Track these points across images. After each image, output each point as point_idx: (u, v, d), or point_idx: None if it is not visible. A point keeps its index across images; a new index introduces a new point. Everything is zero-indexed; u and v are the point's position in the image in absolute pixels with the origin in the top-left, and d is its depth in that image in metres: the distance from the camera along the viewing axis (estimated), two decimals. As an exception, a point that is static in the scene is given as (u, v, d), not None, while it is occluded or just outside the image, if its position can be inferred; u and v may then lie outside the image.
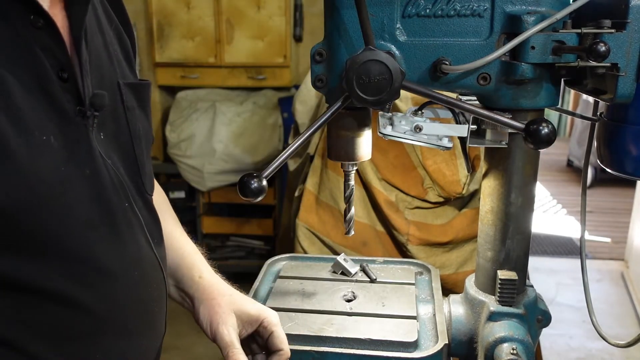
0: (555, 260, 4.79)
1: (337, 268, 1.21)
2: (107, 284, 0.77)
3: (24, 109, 0.67)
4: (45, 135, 0.69)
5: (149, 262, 0.87)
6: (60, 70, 0.72)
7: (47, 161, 0.69)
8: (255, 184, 0.77)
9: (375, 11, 0.85)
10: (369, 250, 1.89)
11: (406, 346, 0.95)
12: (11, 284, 0.68)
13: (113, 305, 0.78)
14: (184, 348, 3.33)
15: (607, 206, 6.12)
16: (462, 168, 1.82)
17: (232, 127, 3.91)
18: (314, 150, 2.03)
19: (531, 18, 0.81)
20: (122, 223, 0.80)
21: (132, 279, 0.82)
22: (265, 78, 3.96)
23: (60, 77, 0.72)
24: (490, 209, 0.99)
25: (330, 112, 0.84)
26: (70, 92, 0.73)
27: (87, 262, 0.75)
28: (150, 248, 0.87)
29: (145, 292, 0.85)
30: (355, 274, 1.20)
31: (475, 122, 0.93)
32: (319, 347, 0.95)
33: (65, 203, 0.71)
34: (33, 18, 0.69)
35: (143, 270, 0.84)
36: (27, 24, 0.68)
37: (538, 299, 1.03)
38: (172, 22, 3.92)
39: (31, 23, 0.69)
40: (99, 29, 0.85)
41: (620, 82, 0.83)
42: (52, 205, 0.70)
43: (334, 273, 1.22)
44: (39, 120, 0.69)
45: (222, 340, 0.93)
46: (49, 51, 0.71)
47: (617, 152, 0.91)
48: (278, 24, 3.84)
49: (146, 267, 0.85)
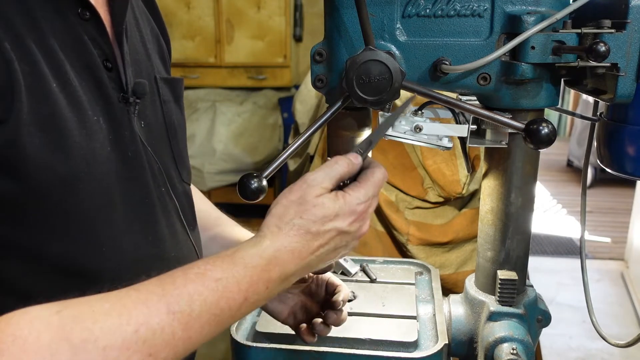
0: (555, 260, 4.78)
1: (337, 268, 1.21)
2: (144, 264, 0.80)
3: (77, 89, 0.72)
4: (95, 116, 0.75)
5: (185, 245, 0.91)
6: (105, 60, 0.78)
7: (98, 139, 0.74)
8: (255, 184, 0.77)
9: (375, 11, 0.85)
10: (369, 250, 1.89)
11: (406, 346, 0.95)
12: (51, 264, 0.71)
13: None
14: (184, 348, 3.31)
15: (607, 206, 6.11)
16: (462, 168, 1.82)
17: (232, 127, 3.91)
18: (314, 150, 2.03)
19: (531, 18, 0.81)
20: (158, 205, 0.84)
21: (169, 261, 0.85)
22: (265, 78, 3.96)
23: (105, 66, 0.78)
24: (490, 209, 0.99)
25: (330, 112, 0.84)
26: (114, 81, 0.79)
27: (125, 240, 0.78)
28: (186, 232, 0.92)
29: None
30: (355, 274, 1.20)
31: (475, 122, 0.93)
32: (319, 347, 0.95)
33: (110, 181, 0.76)
34: (81, 11, 0.75)
35: (179, 253, 0.88)
36: (76, 16, 0.75)
37: (538, 299, 1.03)
38: (172, 22, 3.93)
39: (79, 15, 0.75)
40: (137, 28, 0.91)
41: (620, 82, 0.83)
42: (100, 181, 0.74)
43: (334, 273, 1.22)
44: (90, 101, 0.74)
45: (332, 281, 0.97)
46: (95, 42, 0.77)
47: (617, 152, 0.91)
48: (278, 24, 3.85)
49: (182, 249, 0.89)
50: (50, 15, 0.72)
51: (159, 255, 0.83)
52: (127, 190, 0.79)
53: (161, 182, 0.87)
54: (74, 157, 0.70)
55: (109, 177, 0.76)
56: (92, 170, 0.73)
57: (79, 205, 0.72)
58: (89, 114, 0.73)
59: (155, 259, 0.83)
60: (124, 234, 0.78)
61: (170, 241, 0.86)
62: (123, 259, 0.78)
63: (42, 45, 0.69)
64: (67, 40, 0.73)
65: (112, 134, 0.77)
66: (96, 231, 0.75)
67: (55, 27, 0.72)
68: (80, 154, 0.71)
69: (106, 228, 0.76)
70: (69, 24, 0.74)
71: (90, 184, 0.73)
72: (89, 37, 0.76)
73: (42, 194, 0.68)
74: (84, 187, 0.72)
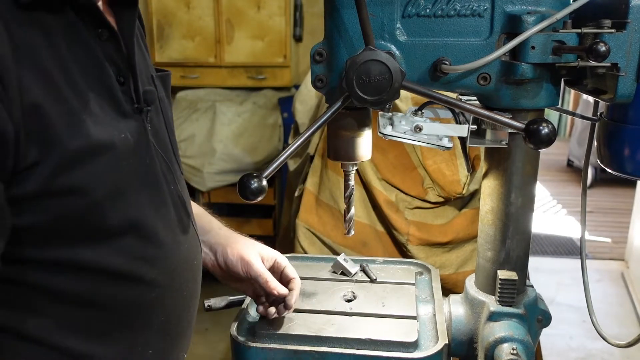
0: (556, 260, 4.78)
1: (337, 268, 1.21)
2: (168, 259, 0.89)
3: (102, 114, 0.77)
4: (123, 133, 0.80)
5: (192, 235, 0.98)
6: (118, 75, 0.81)
7: (126, 156, 0.80)
8: (255, 184, 0.77)
9: (375, 11, 0.85)
10: (369, 250, 1.89)
11: (406, 346, 0.95)
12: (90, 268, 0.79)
13: (174, 276, 0.90)
14: (184, 348, 3.32)
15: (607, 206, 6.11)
16: (462, 168, 1.81)
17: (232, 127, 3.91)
18: (314, 150, 2.03)
19: (531, 18, 0.81)
20: (171, 204, 0.91)
21: (184, 251, 0.93)
22: (265, 78, 3.96)
23: (118, 81, 0.81)
24: (490, 209, 0.99)
25: (330, 112, 0.84)
26: (127, 94, 0.83)
27: (153, 240, 0.85)
28: (191, 222, 0.98)
29: (193, 260, 0.97)
30: (355, 274, 1.20)
31: (475, 122, 0.93)
32: (319, 347, 0.95)
33: (136, 189, 0.82)
34: (100, 31, 0.78)
35: (189, 243, 0.96)
36: (95, 37, 0.78)
37: (538, 299, 1.03)
38: (172, 22, 3.92)
39: (98, 36, 0.78)
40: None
41: (620, 82, 0.83)
42: (125, 195, 0.80)
43: (334, 273, 1.22)
44: (115, 122, 0.79)
45: (256, 270, 1.06)
46: (111, 60, 0.80)
47: (617, 152, 0.91)
48: (278, 24, 3.84)
49: (191, 239, 0.97)
50: (72, 43, 0.75)
51: (177, 249, 0.91)
52: (147, 195, 0.85)
53: (170, 180, 0.92)
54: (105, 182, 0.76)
55: (134, 187, 0.82)
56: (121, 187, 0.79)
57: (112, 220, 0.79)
58: (115, 134, 0.78)
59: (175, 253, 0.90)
60: (149, 236, 0.85)
61: (181, 234, 0.93)
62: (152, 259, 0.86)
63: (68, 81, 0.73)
64: (88, 67, 0.77)
65: (136, 146, 0.83)
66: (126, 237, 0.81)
67: (76, 54, 0.75)
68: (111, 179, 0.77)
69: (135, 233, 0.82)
70: (89, 48, 0.77)
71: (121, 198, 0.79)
72: (106, 56, 0.79)
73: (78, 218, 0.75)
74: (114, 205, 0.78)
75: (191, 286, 0.97)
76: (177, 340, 0.96)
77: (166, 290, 0.89)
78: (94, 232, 0.78)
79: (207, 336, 3.42)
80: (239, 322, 1.05)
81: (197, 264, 0.99)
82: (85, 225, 0.76)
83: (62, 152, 0.71)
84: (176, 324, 0.94)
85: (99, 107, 0.77)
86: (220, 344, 3.36)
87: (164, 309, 0.90)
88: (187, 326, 0.99)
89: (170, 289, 0.90)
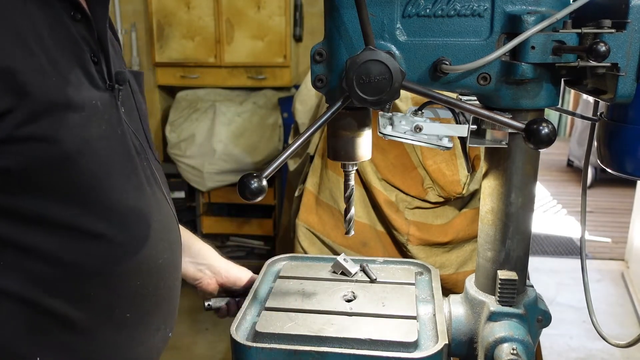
0: (556, 260, 4.79)
1: (337, 268, 1.21)
2: (141, 225, 0.96)
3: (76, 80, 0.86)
4: (94, 100, 0.88)
5: (168, 211, 1.07)
6: (92, 55, 0.91)
7: (96, 119, 0.88)
8: (255, 184, 0.77)
9: (375, 11, 0.85)
10: (369, 250, 1.89)
11: (406, 346, 0.95)
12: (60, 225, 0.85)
13: (147, 243, 0.97)
14: (184, 348, 3.33)
15: (607, 206, 6.12)
16: (462, 168, 1.81)
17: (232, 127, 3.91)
18: (314, 150, 2.03)
19: (531, 18, 0.81)
20: (142, 175, 0.98)
21: (159, 222, 1.01)
22: (265, 78, 3.96)
23: (92, 60, 0.90)
24: (490, 209, 0.99)
25: (330, 112, 0.84)
26: (100, 73, 0.92)
27: (125, 206, 0.93)
28: (166, 200, 1.07)
29: (169, 234, 1.05)
30: (355, 274, 1.20)
31: (475, 122, 0.93)
32: (319, 347, 0.94)
33: (106, 155, 0.89)
34: (73, 13, 0.87)
35: (165, 217, 1.04)
36: (69, 17, 0.87)
37: (538, 299, 1.03)
38: (172, 22, 3.92)
39: (72, 17, 0.87)
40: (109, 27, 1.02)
41: (621, 82, 0.83)
42: (99, 156, 0.87)
43: (334, 273, 1.21)
44: (87, 90, 0.87)
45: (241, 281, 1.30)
46: (85, 40, 0.89)
47: (617, 152, 0.91)
48: (278, 23, 3.85)
49: (167, 214, 1.05)
50: (48, 17, 0.83)
51: (147, 216, 0.98)
52: (120, 162, 0.92)
53: (143, 157, 1.00)
54: (75, 136, 0.83)
55: (106, 151, 0.89)
56: (92, 146, 0.86)
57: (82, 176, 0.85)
58: (87, 99, 0.86)
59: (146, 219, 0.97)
60: (119, 201, 0.92)
61: (155, 206, 1.00)
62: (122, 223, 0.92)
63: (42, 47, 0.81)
64: (63, 39, 0.85)
65: (107, 115, 0.90)
66: (97, 196, 0.88)
67: (52, 26, 0.83)
68: (80, 134, 0.84)
69: (104, 194, 0.89)
70: (64, 25, 0.85)
71: (91, 157, 0.86)
72: (80, 35, 0.88)
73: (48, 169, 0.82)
74: (85, 162, 0.85)
75: (167, 257, 1.03)
76: (156, 308, 1.02)
77: (139, 255, 0.95)
78: (64, 187, 0.84)
79: (207, 336, 3.42)
80: (239, 322, 1.05)
81: (173, 238, 1.06)
82: (55, 178, 0.83)
83: (32, 102, 0.78)
84: (154, 292, 1.00)
85: (73, 74, 0.85)
86: (220, 344, 3.36)
87: (140, 274, 0.96)
88: (167, 297, 1.06)
89: (145, 256, 0.96)
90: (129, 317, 0.96)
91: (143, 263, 0.96)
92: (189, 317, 3.58)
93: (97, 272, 0.90)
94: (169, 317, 1.08)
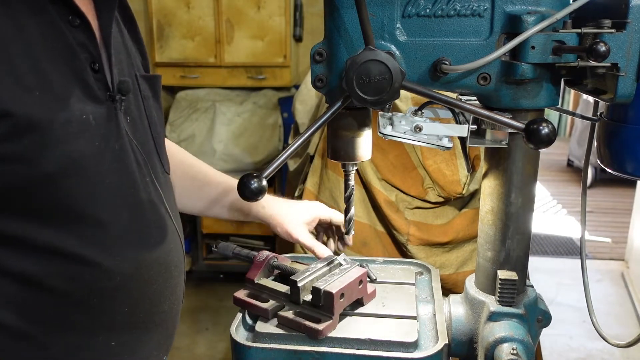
0: (556, 260, 4.79)
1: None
2: (133, 249, 0.89)
3: (66, 93, 0.79)
4: (85, 115, 0.82)
5: (169, 230, 0.98)
6: (92, 63, 0.85)
7: (87, 136, 0.82)
8: (255, 184, 0.77)
9: (375, 11, 0.85)
10: (369, 250, 1.89)
11: (406, 346, 0.95)
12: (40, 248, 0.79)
13: (139, 267, 0.90)
14: (184, 348, 3.33)
15: (607, 206, 6.12)
16: (462, 168, 1.81)
17: (232, 127, 3.91)
18: (314, 150, 2.03)
19: (531, 18, 0.81)
20: (143, 192, 0.92)
21: (155, 244, 0.93)
22: (265, 78, 3.96)
23: (92, 68, 0.85)
24: (490, 209, 0.99)
25: (330, 112, 0.84)
26: (101, 81, 0.86)
27: (116, 228, 0.86)
28: (170, 218, 0.99)
29: (167, 256, 0.97)
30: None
31: (475, 122, 0.93)
32: (319, 347, 0.94)
33: (98, 173, 0.83)
34: (71, 18, 0.82)
35: (163, 237, 0.96)
36: (67, 23, 0.81)
37: (538, 299, 1.03)
38: (172, 22, 3.92)
39: (69, 22, 0.81)
40: (118, 27, 0.97)
41: (621, 82, 0.83)
42: (88, 174, 0.82)
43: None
44: (79, 103, 0.81)
45: (303, 243, 1.22)
46: (84, 46, 0.83)
47: (617, 152, 0.91)
48: (278, 23, 3.84)
49: (166, 234, 0.97)
50: (40, 25, 0.78)
51: (146, 239, 0.91)
52: (115, 180, 0.86)
53: (146, 172, 0.93)
54: (58, 155, 0.77)
55: (97, 168, 0.83)
56: (80, 164, 0.80)
57: (66, 198, 0.79)
58: (76, 114, 0.80)
59: (142, 243, 0.90)
60: (111, 223, 0.85)
61: (153, 227, 0.93)
62: (111, 247, 0.86)
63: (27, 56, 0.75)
64: (56, 48, 0.79)
65: (103, 129, 0.84)
66: (82, 218, 0.82)
67: (44, 34, 0.78)
68: (64, 153, 0.78)
69: (92, 216, 0.83)
70: (59, 31, 0.80)
71: (77, 178, 0.80)
72: (78, 42, 0.82)
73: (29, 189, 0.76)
74: (70, 182, 0.79)
75: (163, 281, 0.95)
76: (148, 335, 0.94)
77: (130, 281, 0.88)
78: (44, 208, 0.79)
79: (207, 336, 3.42)
80: (239, 322, 1.05)
81: (172, 259, 0.98)
82: (35, 199, 0.78)
83: (10, 120, 0.73)
84: (145, 318, 0.93)
85: (63, 87, 0.79)
86: (220, 344, 3.36)
87: (129, 300, 0.89)
88: (162, 322, 0.97)
89: (136, 281, 0.89)
90: (114, 345, 0.89)
91: (134, 290, 0.89)
92: (189, 317, 3.58)
93: (80, 299, 0.84)
94: (163, 342, 1.00)
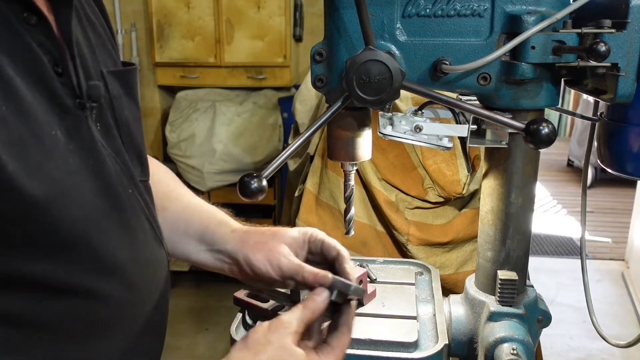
0: (556, 261, 4.79)
1: (337, 268, 1.21)
2: (124, 269, 0.79)
3: (31, 106, 0.68)
4: (53, 130, 0.70)
5: (154, 243, 0.88)
6: (55, 65, 0.73)
7: (58, 154, 0.70)
8: (255, 184, 0.77)
9: (375, 11, 0.85)
10: (369, 250, 1.89)
11: (406, 346, 0.95)
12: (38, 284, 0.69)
13: (131, 289, 0.80)
14: (184, 348, 3.33)
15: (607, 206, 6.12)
16: (462, 168, 1.81)
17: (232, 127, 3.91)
18: (314, 150, 2.02)
19: (531, 18, 0.81)
20: (129, 209, 0.82)
21: (144, 262, 0.84)
22: (265, 78, 3.96)
23: (56, 71, 0.73)
24: (490, 209, 0.99)
25: (330, 112, 0.84)
26: (67, 86, 0.74)
27: (103, 251, 0.76)
28: (152, 228, 0.89)
29: (154, 273, 0.87)
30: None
31: (475, 122, 0.93)
32: (319, 347, 0.94)
33: (78, 194, 0.72)
34: (26, 15, 0.70)
35: (150, 252, 0.86)
36: (22, 21, 0.69)
37: (538, 299, 1.03)
38: (172, 22, 3.92)
39: (25, 20, 0.69)
40: (78, 19, 0.84)
41: (621, 82, 0.83)
42: (70, 197, 0.70)
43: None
44: (45, 115, 0.69)
45: (290, 269, 0.92)
46: (44, 47, 0.71)
47: (617, 152, 0.91)
48: (278, 23, 3.84)
49: (152, 248, 0.88)
50: None
51: (135, 257, 0.82)
52: (96, 198, 0.75)
53: (126, 183, 0.83)
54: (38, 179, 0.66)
55: (77, 189, 0.72)
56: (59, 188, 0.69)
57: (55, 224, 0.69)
58: (45, 129, 0.69)
59: (133, 262, 0.81)
60: (100, 244, 0.75)
61: (142, 241, 0.84)
62: (104, 268, 0.76)
63: None
64: (16, 52, 0.68)
65: (73, 145, 0.73)
66: (76, 246, 0.72)
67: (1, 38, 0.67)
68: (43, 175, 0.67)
69: (83, 241, 0.73)
70: (15, 32, 0.69)
71: (63, 201, 0.69)
72: (37, 43, 0.71)
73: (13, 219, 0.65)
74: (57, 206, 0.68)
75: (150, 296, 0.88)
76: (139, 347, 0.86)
77: (123, 305, 0.80)
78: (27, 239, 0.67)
79: (207, 336, 3.42)
80: (239, 322, 1.05)
81: (160, 275, 0.90)
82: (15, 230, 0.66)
83: None
84: (137, 342, 0.85)
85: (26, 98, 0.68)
86: (220, 344, 3.36)
87: (122, 325, 0.81)
88: (153, 344, 0.91)
89: (129, 305, 0.81)
90: None
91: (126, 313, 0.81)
92: (189, 317, 3.58)
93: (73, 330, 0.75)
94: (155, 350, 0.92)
